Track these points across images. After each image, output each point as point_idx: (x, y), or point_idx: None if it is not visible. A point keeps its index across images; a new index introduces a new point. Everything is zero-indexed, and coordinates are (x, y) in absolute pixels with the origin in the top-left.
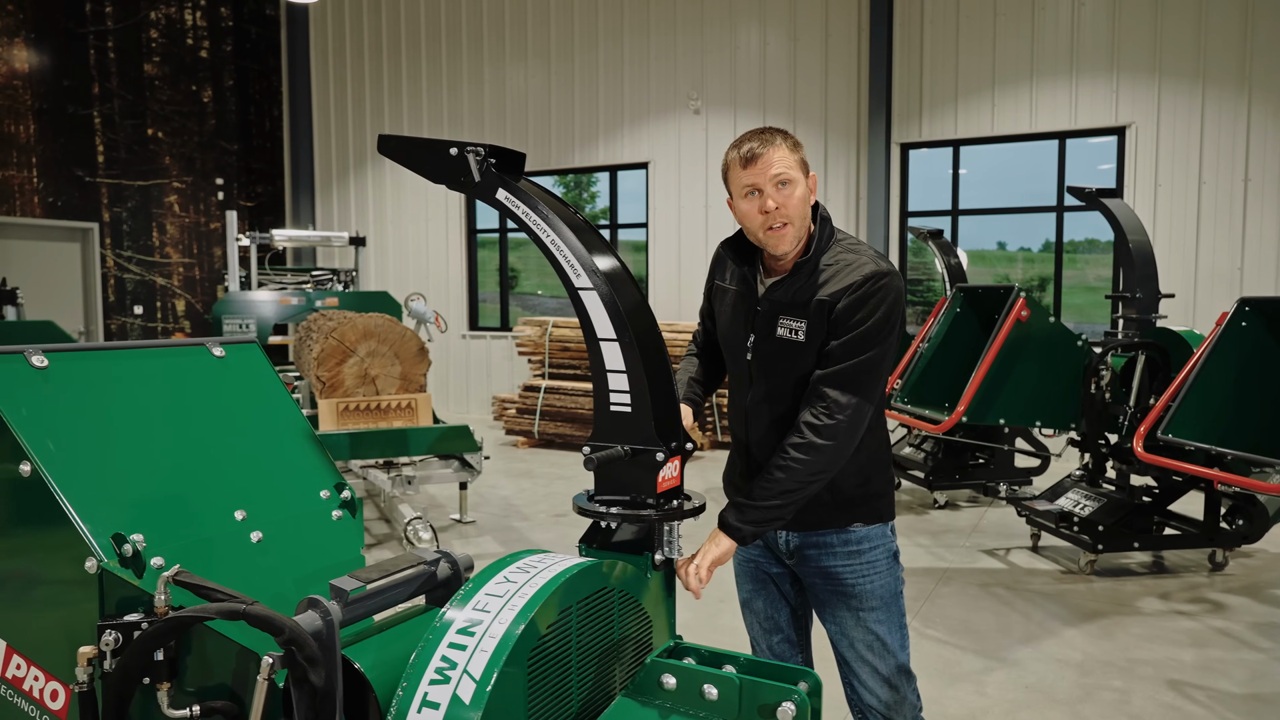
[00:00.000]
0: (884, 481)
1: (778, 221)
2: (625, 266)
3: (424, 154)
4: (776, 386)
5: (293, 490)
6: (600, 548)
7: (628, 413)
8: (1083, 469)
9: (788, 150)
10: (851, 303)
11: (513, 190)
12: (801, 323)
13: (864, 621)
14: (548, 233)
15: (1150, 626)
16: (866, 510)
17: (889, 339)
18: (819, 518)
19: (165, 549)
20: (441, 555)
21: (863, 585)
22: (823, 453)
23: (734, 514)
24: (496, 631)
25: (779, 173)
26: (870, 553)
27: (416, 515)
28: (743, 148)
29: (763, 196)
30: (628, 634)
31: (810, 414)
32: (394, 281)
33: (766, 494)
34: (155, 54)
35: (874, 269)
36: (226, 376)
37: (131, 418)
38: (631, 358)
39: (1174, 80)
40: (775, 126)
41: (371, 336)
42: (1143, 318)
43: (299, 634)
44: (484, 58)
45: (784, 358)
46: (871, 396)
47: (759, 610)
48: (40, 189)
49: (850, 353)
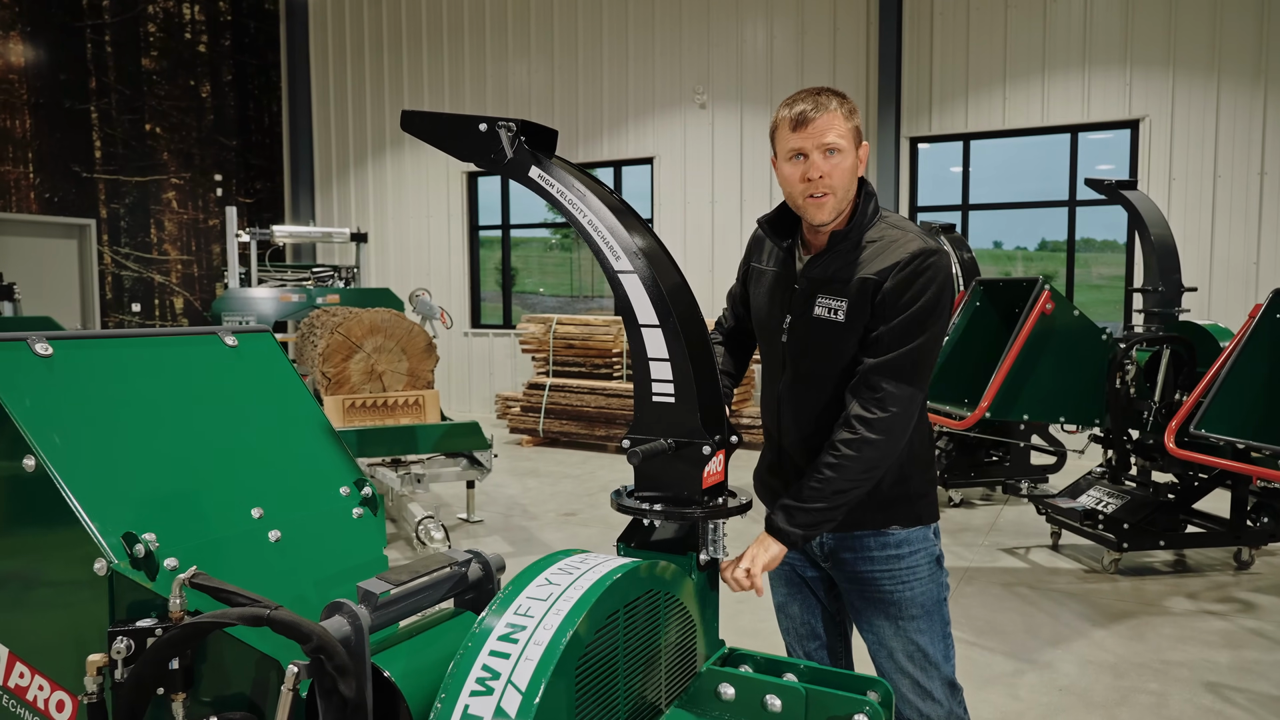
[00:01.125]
0: (924, 480)
1: (819, 190)
2: (665, 247)
3: (451, 130)
4: (812, 371)
5: (311, 487)
6: (640, 547)
7: (671, 403)
8: (1103, 465)
9: (842, 117)
10: (899, 282)
11: (546, 168)
12: (841, 302)
13: (904, 631)
14: (584, 213)
15: (1181, 627)
16: (905, 511)
17: (940, 322)
18: (853, 517)
19: (179, 549)
20: (473, 555)
21: (902, 593)
22: (876, 448)
23: (783, 517)
24: (542, 639)
25: (829, 141)
26: (910, 557)
27: (428, 515)
28: (794, 108)
29: (808, 162)
30: (672, 639)
31: (861, 406)
32: (395, 278)
33: (817, 495)
34: (153, 48)
35: (922, 245)
36: (240, 367)
37: (141, 410)
38: (675, 344)
39: (1188, 72)
40: (832, 89)
41: (378, 332)
42: (1165, 311)
43: (328, 641)
44: (486, 52)
45: (821, 340)
46: (924, 386)
47: (794, 615)
48: (36, 185)
49: (901, 338)
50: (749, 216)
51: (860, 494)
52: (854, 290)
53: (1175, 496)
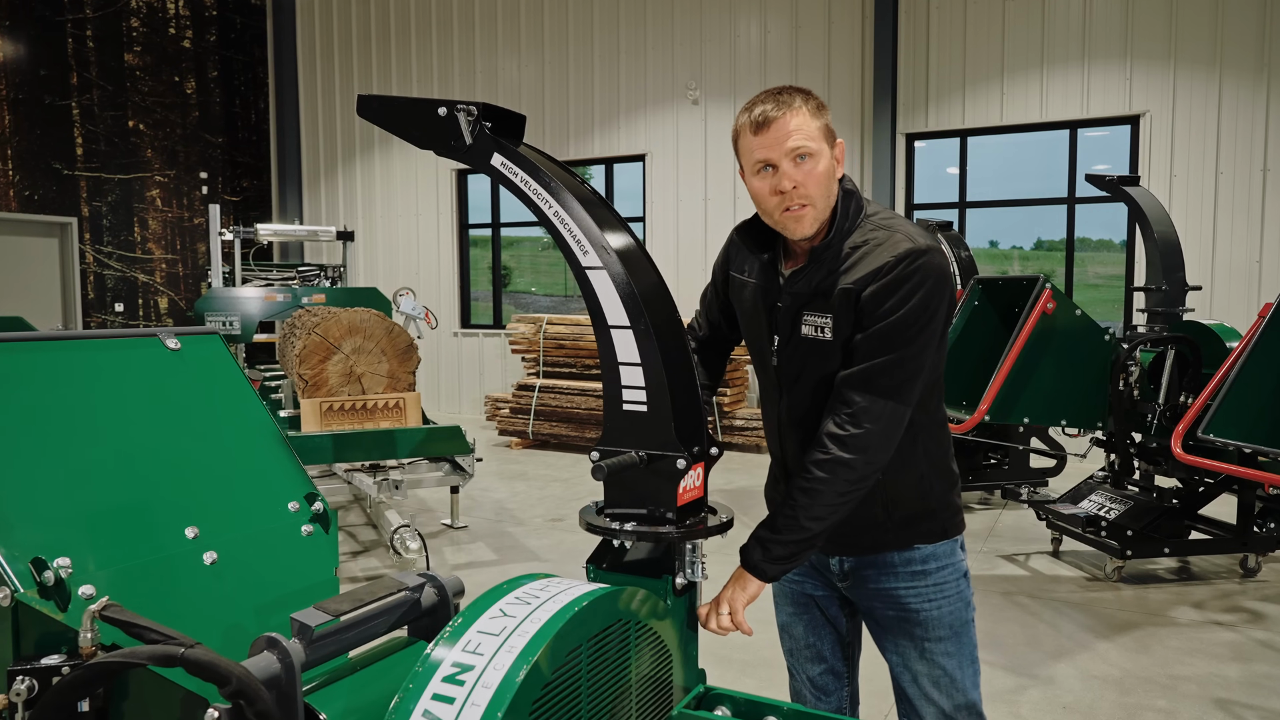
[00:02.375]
0: (947, 491)
1: (796, 202)
2: (641, 245)
3: (408, 115)
4: (807, 395)
5: (255, 502)
6: (611, 569)
7: (643, 412)
8: (1106, 470)
9: (808, 114)
10: (880, 289)
11: (510, 155)
12: (826, 318)
13: (929, 654)
14: (550, 203)
15: (1188, 638)
16: (930, 527)
17: (929, 328)
18: (875, 539)
19: (98, 575)
20: (426, 579)
21: (928, 612)
22: (851, 468)
23: (759, 552)
24: (491, 680)
25: (797, 145)
26: (938, 573)
27: (404, 523)
28: (754, 110)
29: (778, 173)
30: (645, 673)
31: (833, 423)
32: (384, 277)
33: (791, 524)
34: (136, 43)
35: (909, 246)
36: (182, 372)
37: (67, 419)
38: (648, 348)
39: (1190, 67)
40: (795, 86)
41: (357, 332)
42: (1169, 311)
43: (248, 685)
44: (476, 48)
45: (812, 361)
46: (906, 398)
47: (799, 636)
48: (16, 182)
49: (879, 347)
50: (743, 214)
51: (839, 517)
52: (836, 303)
53: (1180, 502)
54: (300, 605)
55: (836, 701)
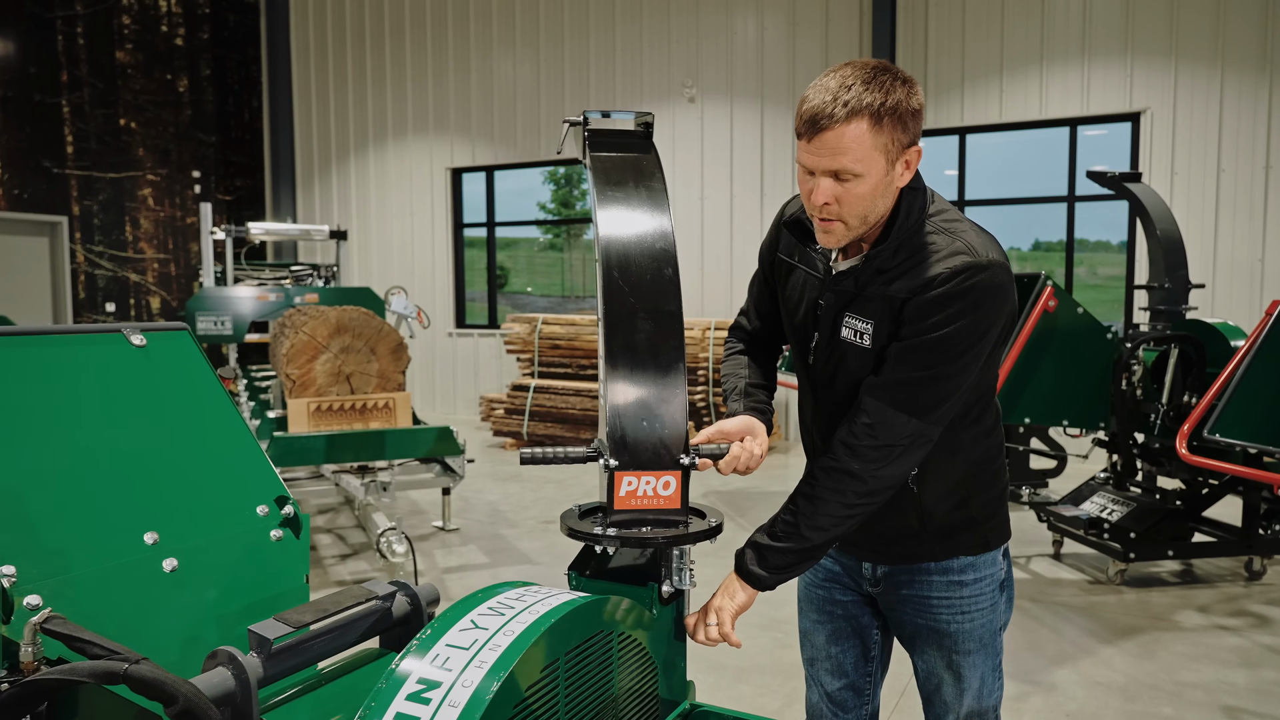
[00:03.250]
0: (991, 499)
1: (825, 215)
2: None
3: None
4: (840, 401)
5: (221, 506)
6: (594, 577)
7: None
8: (1108, 471)
9: (868, 128)
10: (928, 302)
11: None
12: (868, 324)
13: (955, 665)
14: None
15: (1193, 644)
16: (970, 539)
17: (973, 350)
18: (908, 550)
19: (45, 585)
20: (398, 588)
21: (960, 624)
22: (861, 481)
23: (754, 558)
24: (459, 699)
25: (841, 166)
26: (974, 584)
27: (390, 526)
28: (809, 104)
29: (814, 181)
30: (629, 686)
31: (850, 431)
32: (378, 277)
33: (790, 532)
34: (128, 41)
35: (968, 260)
36: (147, 369)
37: (19, 417)
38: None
39: (1191, 63)
40: (879, 70)
41: (345, 331)
42: (1171, 309)
43: (196, 704)
44: (470, 46)
45: (848, 366)
46: (936, 418)
47: (820, 646)
48: (5, 181)
49: (915, 363)
50: (739, 213)
51: (844, 532)
52: (881, 310)
53: (1184, 504)
54: (266, 615)
55: (855, 719)
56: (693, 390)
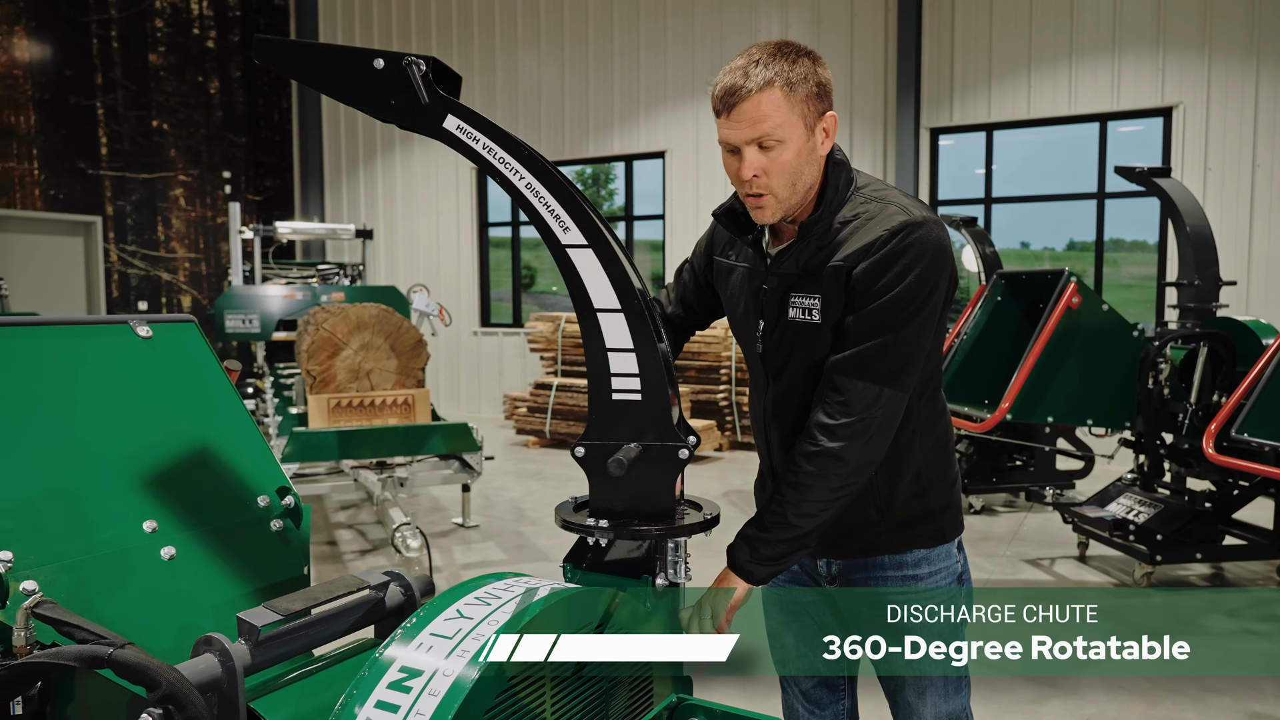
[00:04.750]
0: (946, 490)
1: (755, 190)
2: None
3: (328, 64)
4: (794, 384)
5: (222, 495)
6: (590, 570)
7: (636, 400)
8: (1134, 471)
9: (782, 94)
10: (873, 265)
11: (469, 118)
12: (815, 299)
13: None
14: (520, 174)
15: (1220, 649)
16: (927, 530)
17: (927, 306)
18: (867, 542)
19: (42, 571)
20: (392, 578)
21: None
22: (843, 461)
23: (745, 552)
24: (439, 687)
25: (763, 133)
26: (930, 578)
27: (405, 521)
28: (721, 84)
29: (739, 157)
30: (621, 679)
31: (823, 412)
32: (403, 276)
33: (779, 522)
34: (160, 44)
35: (904, 219)
36: (152, 360)
37: (22, 406)
38: (640, 330)
39: (1225, 56)
40: (779, 48)
41: (365, 328)
42: (1201, 306)
43: (179, 689)
44: (496, 46)
45: (799, 346)
46: (903, 384)
47: (790, 646)
48: (41, 181)
49: (872, 329)
50: None
51: (833, 514)
52: (826, 282)
53: (1212, 505)
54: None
55: (832, 716)
56: (714, 390)
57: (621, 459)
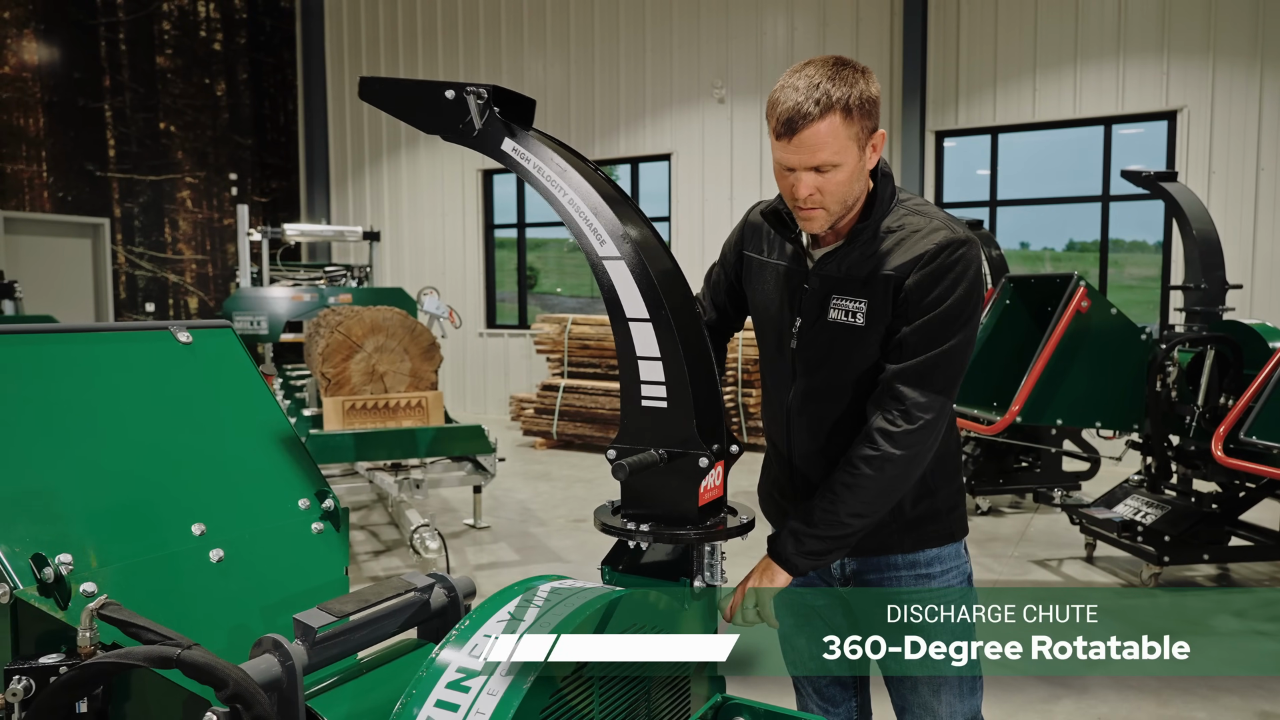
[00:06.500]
0: (953, 492)
1: (808, 204)
2: (657, 234)
3: (413, 98)
4: (826, 382)
5: (264, 499)
6: (627, 572)
7: (663, 408)
8: (1142, 473)
9: (841, 123)
10: (925, 277)
11: (522, 140)
12: (860, 303)
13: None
14: (565, 191)
15: (1229, 649)
16: (936, 530)
17: (972, 320)
18: (880, 541)
19: (100, 573)
20: (436, 580)
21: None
22: (898, 465)
23: (791, 544)
24: (497, 688)
25: (821, 160)
26: (941, 577)
27: (423, 522)
28: (782, 106)
29: (795, 176)
30: (662, 680)
31: (884, 419)
32: (410, 278)
33: (830, 519)
34: (168, 46)
35: (950, 236)
36: (192, 365)
37: (72, 413)
38: (668, 341)
39: (1229, 60)
40: (837, 71)
41: (379, 331)
42: (1208, 310)
43: (246, 688)
44: (502, 48)
45: (838, 346)
46: (954, 392)
47: (801, 649)
48: (50, 183)
49: (928, 341)
50: None
51: (879, 516)
52: (875, 288)
53: (1219, 507)
54: (307, 605)
55: (845, 713)
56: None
57: (624, 464)
